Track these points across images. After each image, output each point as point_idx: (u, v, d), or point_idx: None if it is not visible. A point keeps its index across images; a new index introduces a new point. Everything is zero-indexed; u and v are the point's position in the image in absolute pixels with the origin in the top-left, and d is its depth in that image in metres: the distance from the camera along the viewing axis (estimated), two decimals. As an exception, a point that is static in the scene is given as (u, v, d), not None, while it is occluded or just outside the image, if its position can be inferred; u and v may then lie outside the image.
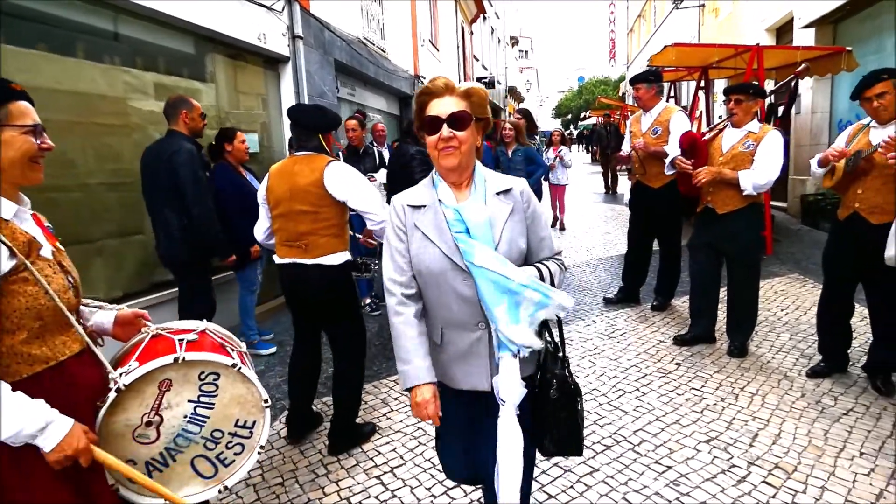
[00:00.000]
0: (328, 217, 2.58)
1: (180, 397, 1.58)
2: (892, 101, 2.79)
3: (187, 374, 1.58)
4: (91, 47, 3.71)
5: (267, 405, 1.71)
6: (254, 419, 1.70)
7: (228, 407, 1.66)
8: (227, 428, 1.67)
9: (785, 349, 3.71)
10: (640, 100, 4.41)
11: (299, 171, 2.57)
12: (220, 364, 1.62)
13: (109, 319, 1.68)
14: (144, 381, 1.51)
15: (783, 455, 2.53)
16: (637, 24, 24.73)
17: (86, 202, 3.64)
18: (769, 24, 9.38)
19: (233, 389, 1.66)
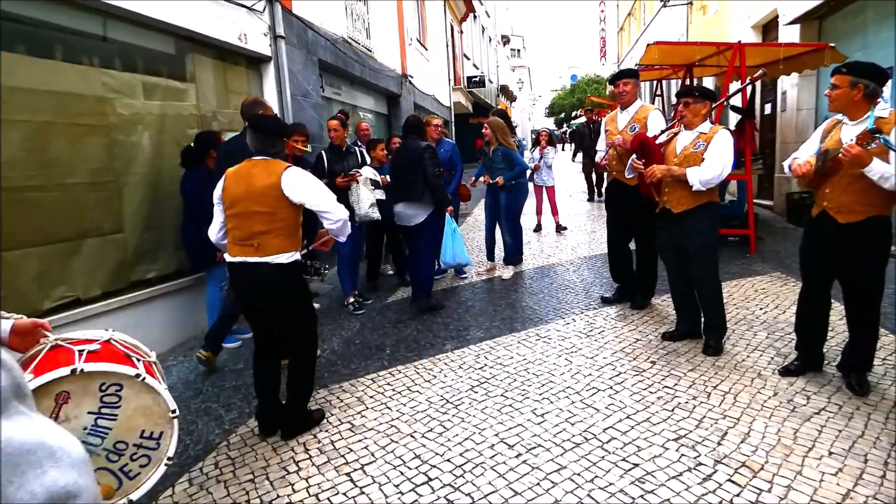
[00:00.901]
0: (283, 218, 2.71)
1: (79, 409, 1.53)
2: (841, 97, 2.86)
3: (87, 386, 1.54)
4: (70, 49, 3.71)
5: (175, 415, 1.67)
6: (161, 430, 1.67)
7: (133, 418, 1.61)
8: (132, 439, 1.62)
9: (761, 347, 3.75)
10: (626, 94, 4.42)
11: (256, 174, 2.69)
12: (121, 375, 1.57)
13: (6, 329, 1.61)
14: (39, 393, 1.46)
15: (751, 454, 2.55)
16: (627, 23, 24.79)
17: (65, 201, 3.64)
18: (755, 22, 9.43)
19: (137, 400, 1.61)
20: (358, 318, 4.95)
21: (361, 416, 3.13)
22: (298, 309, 2.89)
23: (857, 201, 2.86)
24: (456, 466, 2.57)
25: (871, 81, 2.81)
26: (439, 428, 2.94)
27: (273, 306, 2.81)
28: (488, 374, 3.58)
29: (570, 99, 51.42)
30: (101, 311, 3.77)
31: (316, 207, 2.74)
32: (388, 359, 3.97)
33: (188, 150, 4.13)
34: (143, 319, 4.07)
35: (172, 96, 4.53)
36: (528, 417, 2.99)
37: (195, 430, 3.08)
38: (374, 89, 9.73)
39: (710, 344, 3.69)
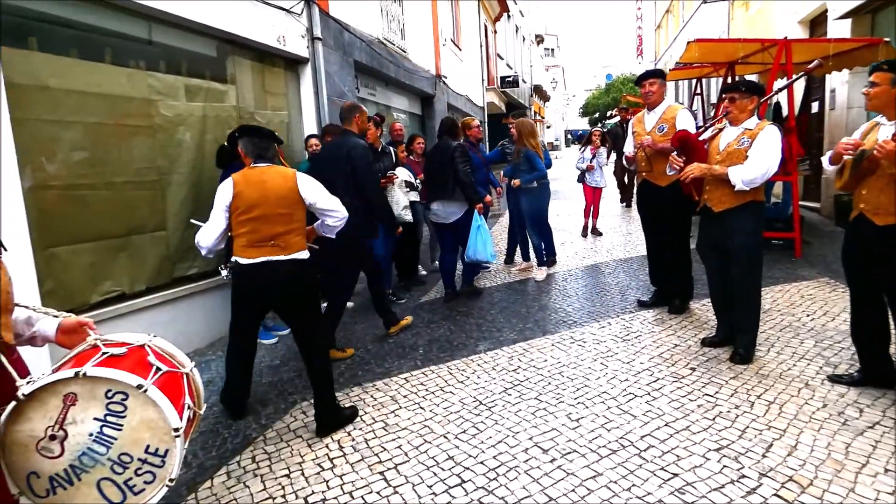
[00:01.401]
0: (299, 219, 2.94)
1: (85, 414, 1.50)
2: (880, 95, 2.74)
3: (93, 391, 1.51)
4: (118, 52, 3.84)
5: (177, 435, 1.57)
6: (166, 447, 1.58)
7: (138, 431, 1.55)
8: (137, 453, 1.55)
9: (808, 356, 3.60)
10: (652, 94, 4.34)
11: (270, 180, 2.87)
12: (124, 383, 1.52)
13: (53, 327, 1.66)
14: (47, 391, 1.46)
15: (798, 468, 2.44)
16: (665, 20, 24.25)
17: (112, 199, 3.77)
18: (802, 17, 9.08)
19: (143, 413, 1.55)
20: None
21: (395, 415, 3.14)
22: (314, 301, 3.05)
23: (894, 202, 2.73)
24: (489, 469, 2.55)
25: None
26: (472, 430, 2.92)
27: (294, 301, 2.95)
28: (522, 377, 3.54)
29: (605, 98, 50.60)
30: (145, 306, 3.88)
31: (326, 206, 2.96)
32: (422, 358, 3.97)
33: (223, 150, 4.21)
34: (183, 314, 4.18)
35: (214, 98, 4.64)
36: (563, 422, 2.94)
37: (233, 424, 3.15)
38: (408, 90, 9.77)
39: (738, 352, 3.54)
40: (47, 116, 3.32)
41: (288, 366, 3.99)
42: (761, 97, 3.53)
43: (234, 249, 2.92)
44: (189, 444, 2.87)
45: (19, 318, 1.65)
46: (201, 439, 2.99)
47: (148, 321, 3.91)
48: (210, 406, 3.37)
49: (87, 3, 3.55)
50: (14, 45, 3.12)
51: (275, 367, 3.96)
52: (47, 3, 3.34)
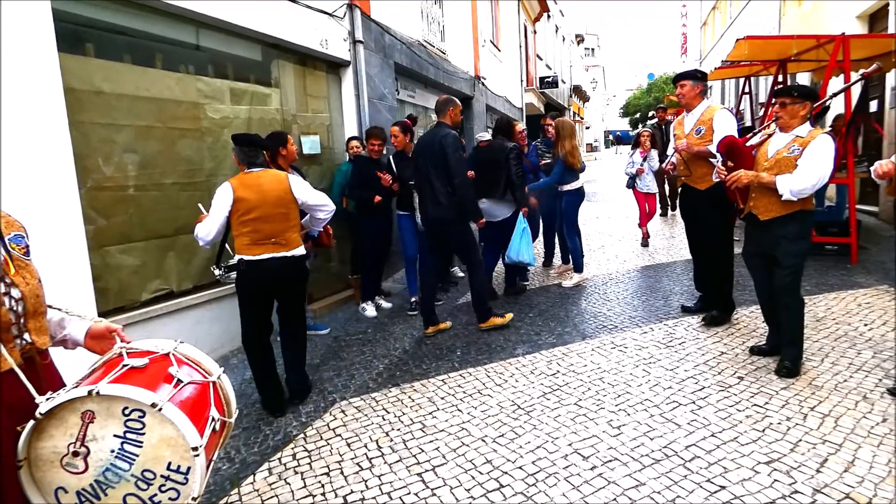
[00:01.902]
0: (294, 217, 3.26)
1: (105, 431, 1.48)
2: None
3: (110, 408, 1.49)
4: (168, 57, 3.98)
5: (196, 454, 1.54)
6: (188, 465, 1.54)
7: (158, 448, 1.52)
8: (160, 470, 1.53)
9: (866, 368, 3.41)
10: (683, 97, 4.21)
11: (266, 183, 3.14)
12: (138, 402, 1.49)
13: (82, 332, 1.67)
14: (65, 409, 1.45)
15: (856, 485, 2.32)
16: (711, 17, 23.56)
17: (162, 200, 3.90)
18: (860, 11, 8.66)
19: (161, 430, 1.51)
20: (417, 318, 4.97)
21: (432, 416, 3.14)
22: (305, 292, 3.52)
23: None
24: (528, 475, 2.52)
25: None
26: (510, 434, 2.89)
27: (292, 291, 3.34)
28: (561, 382, 3.49)
29: (647, 98, 49.57)
30: (191, 304, 4.00)
31: (315, 202, 3.31)
32: (459, 360, 3.96)
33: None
34: (226, 313, 4.28)
35: (258, 101, 4.75)
36: (604, 429, 2.88)
37: (274, 422, 3.21)
38: (447, 91, 9.76)
39: (784, 364, 3.37)
40: (101, 120, 3.46)
41: (327, 365, 4.04)
42: (814, 103, 3.35)
43: (238, 248, 3.15)
44: (231, 440, 2.97)
45: (52, 320, 1.66)
46: (244, 435, 3.06)
47: (194, 319, 4.03)
48: (253, 403, 3.45)
49: (140, 10, 3.68)
50: (71, 52, 3.25)
51: (314, 367, 4.02)
52: (102, 10, 3.47)
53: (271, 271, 3.15)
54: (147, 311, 3.69)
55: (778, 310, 3.43)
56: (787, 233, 3.29)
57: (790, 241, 3.28)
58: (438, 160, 4.22)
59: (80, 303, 3.08)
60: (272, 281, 3.20)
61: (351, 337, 4.63)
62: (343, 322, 5.06)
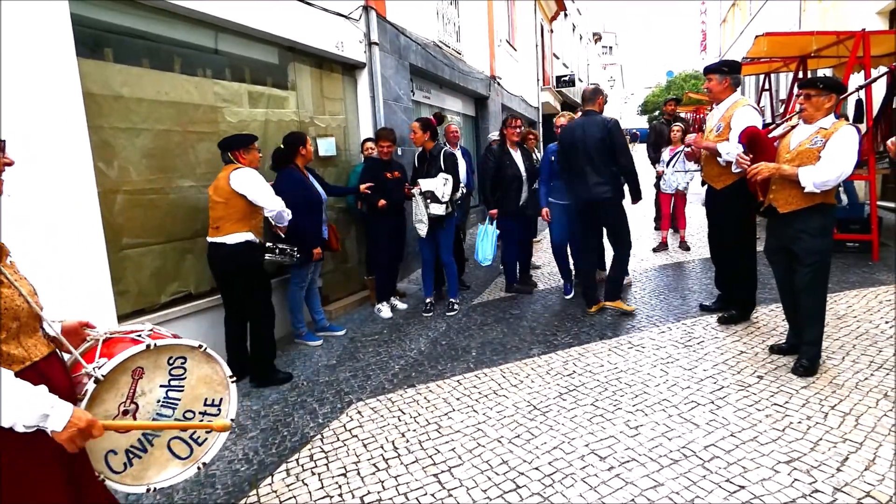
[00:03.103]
0: (234, 205, 3.54)
1: (153, 383, 1.66)
2: None
3: (157, 360, 1.67)
4: (186, 61, 4.04)
5: (233, 380, 1.81)
6: (220, 396, 1.80)
7: (196, 388, 1.75)
8: (198, 408, 1.76)
9: (887, 366, 3.35)
10: (710, 91, 4.15)
11: (220, 175, 3.63)
12: (186, 347, 1.71)
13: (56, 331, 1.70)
14: (118, 371, 1.58)
15: (877, 483, 2.28)
16: (731, 14, 23.23)
17: (180, 203, 3.96)
18: (881, 7, 8.49)
19: (199, 370, 1.75)
20: (444, 319, 4.99)
21: (448, 417, 3.15)
22: (250, 278, 3.68)
23: None
24: (545, 475, 2.51)
25: None
26: (527, 434, 2.89)
27: (230, 276, 3.67)
28: (577, 382, 3.47)
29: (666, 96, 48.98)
30: (208, 307, 4.05)
31: (255, 200, 3.57)
32: (474, 361, 3.96)
33: (279, 152, 4.36)
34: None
35: (275, 104, 4.81)
36: (621, 429, 2.86)
37: (292, 423, 3.24)
38: (462, 92, 9.79)
39: (802, 363, 3.32)
40: (120, 124, 3.52)
41: (344, 366, 4.07)
42: (840, 95, 3.28)
43: None
44: (249, 441, 3.02)
45: None
46: (262, 437, 3.10)
47: (211, 320, 4.08)
48: (270, 405, 3.49)
49: (158, 14, 3.74)
50: (90, 56, 3.31)
51: (331, 367, 4.06)
52: (120, 14, 3.53)
53: (209, 253, 3.68)
54: (166, 313, 3.74)
55: (800, 307, 3.38)
56: (808, 228, 3.23)
57: (812, 236, 3.22)
58: (601, 143, 4.52)
59: (99, 305, 3.14)
60: (210, 262, 3.70)
61: (367, 338, 4.65)
62: (359, 323, 5.10)
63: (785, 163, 3.25)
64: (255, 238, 3.67)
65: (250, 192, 3.55)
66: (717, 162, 4.02)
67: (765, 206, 3.46)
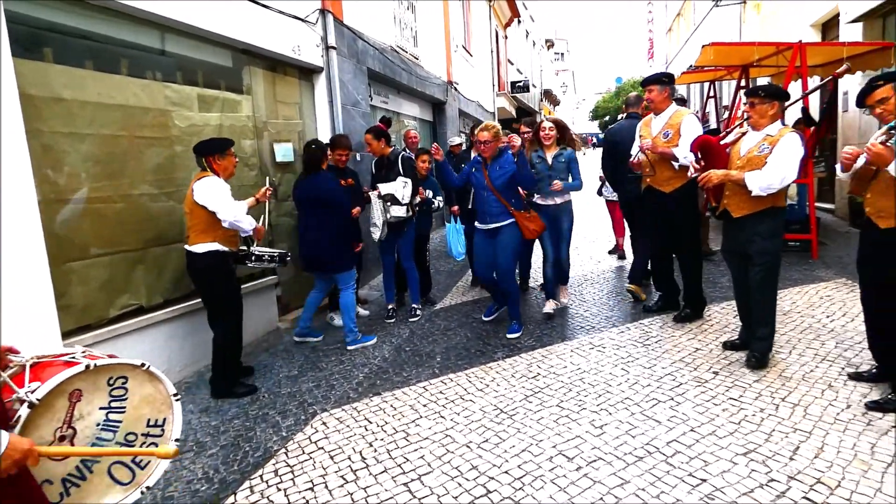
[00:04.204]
0: (198, 215, 3.49)
1: (92, 406, 1.58)
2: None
3: (96, 382, 1.59)
4: (134, 63, 3.87)
5: (177, 398, 1.76)
6: (164, 416, 1.75)
7: (139, 408, 1.69)
8: (140, 429, 1.69)
9: (830, 357, 3.55)
10: (652, 101, 4.31)
11: (191, 183, 3.56)
12: (128, 366, 1.65)
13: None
14: (54, 394, 1.49)
15: (826, 469, 2.41)
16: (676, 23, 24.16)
17: (130, 211, 3.79)
18: (814, 20, 9.02)
19: (142, 390, 1.69)
20: (407, 325, 4.96)
21: (416, 424, 3.12)
22: (214, 288, 3.64)
23: (894, 206, 2.74)
24: (515, 479, 2.52)
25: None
26: (495, 438, 2.90)
27: (196, 286, 3.72)
28: (542, 384, 3.51)
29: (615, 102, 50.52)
30: (163, 319, 3.89)
31: (212, 209, 3.47)
32: (440, 367, 3.96)
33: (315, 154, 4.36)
34: (202, 326, 4.17)
35: (229, 108, 4.67)
36: (587, 429, 2.91)
37: (254, 437, 3.14)
38: (420, 97, 9.80)
39: (754, 355, 3.49)
40: (62, 128, 3.33)
41: (306, 376, 3.98)
42: (783, 102, 3.47)
43: None
44: (209, 459, 2.91)
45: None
46: (222, 454, 2.99)
47: (167, 333, 3.93)
48: (230, 420, 3.38)
49: (99, 12, 3.56)
50: (27, 57, 3.12)
51: (293, 378, 3.96)
52: (59, 12, 3.34)
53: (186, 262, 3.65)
54: (115, 328, 3.57)
55: (752, 305, 3.54)
56: (759, 230, 3.39)
57: (763, 238, 3.38)
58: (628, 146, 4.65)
59: (41, 322, 2.96)
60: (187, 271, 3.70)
61: (329, 347, 4.57)
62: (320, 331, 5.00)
63: (736, 169, 3.40)
64: (222, 247, 3.57)
65: (209, 202, 3.46)
66: (669, 166, 4.17)
67: (719, 211, 3.61)
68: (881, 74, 2.83)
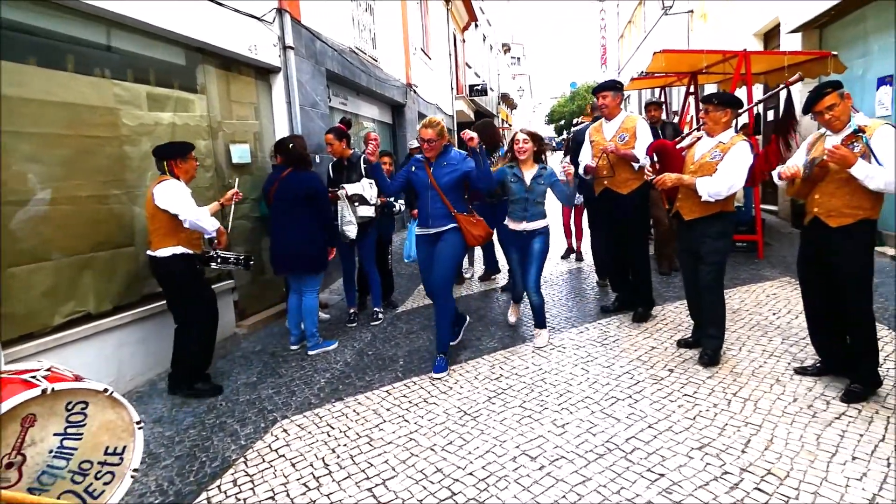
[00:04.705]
0: (160, 219, 3.48)
1: (45, 432, 1.49)
2: (844, 111, 2.89)
3: (53, 407, 1.50)
4: (82, 60, 3.70)
5: (140, 427, 1.67)
6: (124, 444, 1.65)
7: (97, 435, 1.59)
8: (97, 457, 1.60)
9: (777, 353, 3.72)
10: (606, 107, 4.43)
11: (149, 188, 3.55)
12: (90, 391, 1.55)
13: None
14: (6, 418, 1.41)
15: (776, 461, 2.53)
16: (627, 30, 24.88)
17: (76, 214, 3.61)
18: (756, 30, 9.47)
19: (102, 416, 1.60)
20: (369, 329, 4.92)
21: (379, 429, 3.10)
22: (182, 291, 3.64)
23: (846, 204, 2.91)
24: (479, 480, 2.54)
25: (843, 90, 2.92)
26: (459, 441, 2.90)
27: (164, 290, 3.71)
28: (505, 385, 3.55)
29: (570, 106, 51.59)
30: (112, 326, 3.73)
31: (174, 211, 3.44)
32: (402, 370, 3.94)
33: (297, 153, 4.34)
34: (154, 333, 4.04)
35: (182, 107, 4.52)
36: (549, 428, 2.95)
37: (210, 447, 3.04)
38: (379, 99, 9.74)
39: (707, 353, 3.63)
40: (4, 127, 3.16)
41: (265, 382, 3.89)
42: (736, 110, 3.61)
43: None
44: (163, 471, 2.81)
45: None
46: (177, 464, 2.89)
47: (117, 341, 3.77)
48: (185, 430, 3.26)
49: (43, 6, 3.39)
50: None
51: (251, 385, 3.87)
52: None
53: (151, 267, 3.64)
54: (61, 336, 3.40)
55: (702, 304, 3.67)
56: (709, 232, 3.53)
57: (713, 239, 3.53)
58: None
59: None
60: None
61: (288, 352, 4.48)
62: (279, 337, 4.90)
63: (689, 173, 3.53)
64: (186, 250, 3.56)
65: (170, 205, 3.43)
66: (629, 168, 4.30)
67: (672, 213, 3.74)
68: (827, 82, 2.96)
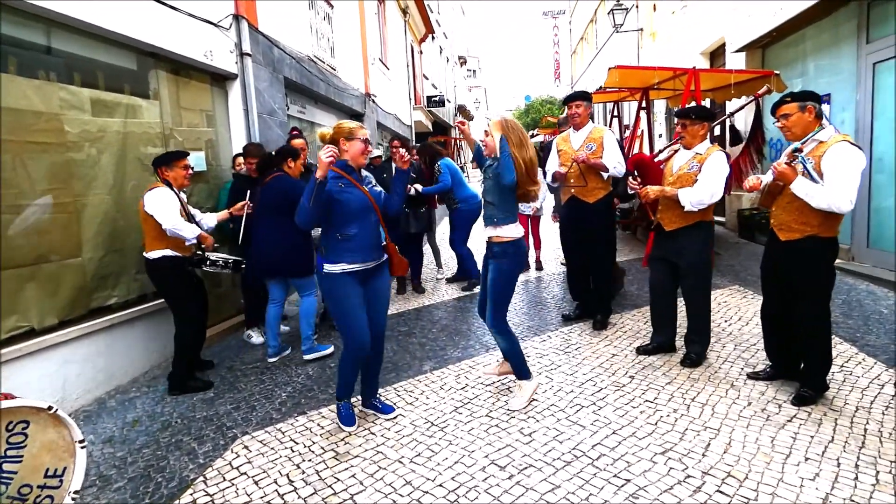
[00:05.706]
0: (150, 224, 3.65)
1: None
2: (797, 122, 3.00)
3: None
4: (24, 62, 3.51)
5: (82, 445, 1.62)
6: (64, 465, 1.61)
7: (38, 457, 1.54)
8: (36, 481, 1.54)
9: (730, 359, 3.86)
10: (578, 116, 4.52)
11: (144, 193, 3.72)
12: (30, 409, 1.49)
13: None
14: None
15: (734, 463, 2.61)
16: (580, 46, 25.65)
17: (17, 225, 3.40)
18: (703, 49, 9.93)
19: (44, 436, 1.54)
20: (331, 340, 4.82)
21: (345, 442, 3.03)
22: (171, 290, 3.82)
23: (794, 220, 3.04)
24: (449, 491, 2.52)
25: (815, 102, 3.01)
26: (427, 452, 2.87)
27: (156, 289, 3.95)
28: (471, 395, 3.54)
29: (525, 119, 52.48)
30: (57, 342, 3.53)
31: (158, 218, 3.60)
32: (367, 382, 3.87)
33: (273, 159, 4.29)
34: (103, 348, 3.85)
35: (134, 113, 4.35)
36: (517, 437, 2.96)
37: (167, 466, 2.90)
38: (338, 108, 9.65)
39: (691, 356, 3.76)
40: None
41: (223, 398, 3.75)
42: (711, 123, 3.77)
43: None
44: (115, 494, 2.66)
45: None
46: (131, 486, 2.73)
47: (62, 358, 3.56)
48: (139, 449, 3.11)
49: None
50: None
51: (208, 401, 3.72)
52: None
53: None
54: (3, 352, 3.19)
55: (688, 312, 3.82)
56: (691, 243, 3.67)
57: (693, 250, 3.67)
58: None
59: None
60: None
61: (247, 366, 4.34)
62: (237, 350, 4.75)
63: (668, 185, 3.67)
64: (174, 253, 3.73)
65: (155, 213, 3.62)
66: (598, 177, 4.41)
67: (654, 224, 3.86)
68: (797, 92, 3.07)
